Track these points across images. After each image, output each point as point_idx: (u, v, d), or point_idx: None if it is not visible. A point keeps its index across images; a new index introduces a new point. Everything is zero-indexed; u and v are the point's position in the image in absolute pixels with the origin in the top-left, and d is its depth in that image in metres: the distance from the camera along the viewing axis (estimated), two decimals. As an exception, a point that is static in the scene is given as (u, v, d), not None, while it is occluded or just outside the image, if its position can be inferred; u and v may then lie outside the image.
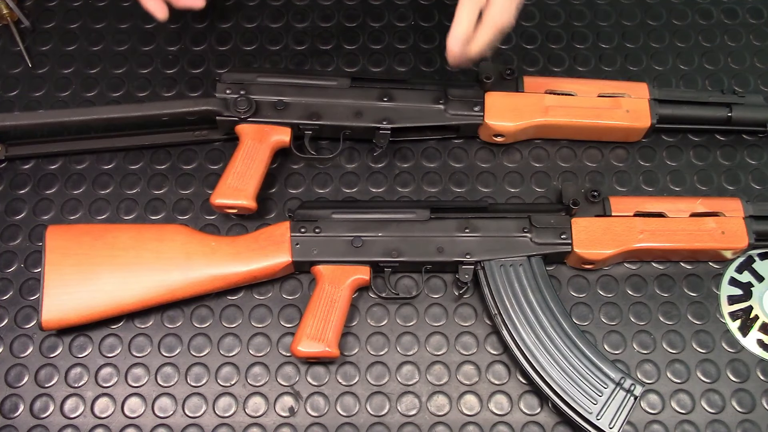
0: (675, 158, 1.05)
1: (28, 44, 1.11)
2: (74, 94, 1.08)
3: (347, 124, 0.99)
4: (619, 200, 0.96)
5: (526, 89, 1.01)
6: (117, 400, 0.93)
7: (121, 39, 1.12)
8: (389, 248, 0.93)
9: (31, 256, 0.99)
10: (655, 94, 1.01)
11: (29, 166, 1.04)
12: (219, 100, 0.98)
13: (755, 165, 1.04)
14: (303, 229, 0.94)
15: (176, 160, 1.04)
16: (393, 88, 1.00)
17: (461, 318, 0.96)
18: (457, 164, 1.04)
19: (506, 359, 0.94)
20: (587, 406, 0.88)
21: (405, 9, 1.14)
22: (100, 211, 1.02)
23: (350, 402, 0.93)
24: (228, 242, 0.94)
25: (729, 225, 0.94)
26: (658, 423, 0.92)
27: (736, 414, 0.92)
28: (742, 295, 0.98)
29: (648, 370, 0.94)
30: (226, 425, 0.92)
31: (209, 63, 1.10)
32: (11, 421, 0.92)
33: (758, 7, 1.14)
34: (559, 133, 1.04)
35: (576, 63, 1.11)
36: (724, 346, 0.95)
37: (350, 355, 0.95)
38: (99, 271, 0.90)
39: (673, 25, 1.13)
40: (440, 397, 0.93)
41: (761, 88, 1.09)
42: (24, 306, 0.97)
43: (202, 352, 0.95)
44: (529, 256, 0.93)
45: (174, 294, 0.92)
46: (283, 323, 0.96)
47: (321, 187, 1.03)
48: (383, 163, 1.04)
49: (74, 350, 0.95)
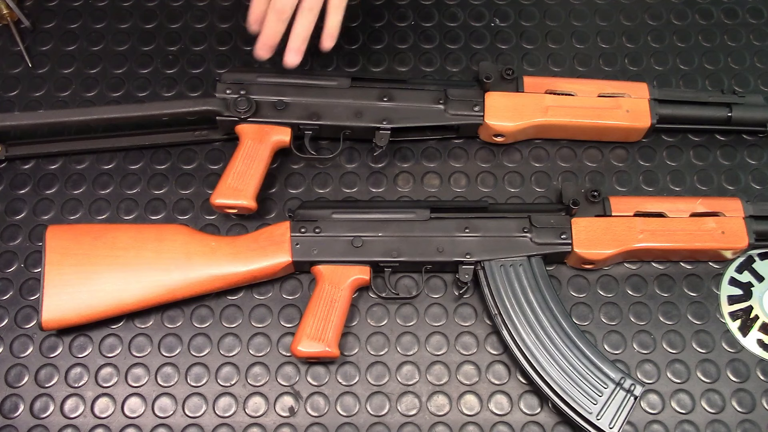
0: (675, 158, 1.05)
1: (28, 44, 1.11)
2: (74, 94, 1.08)
3: (347, 124, 0.99)
4: (619, 200, 0.96)
5: (526, 89, 1.01)
6: (117, 400, 0.93)
7: (121, 39, 1.12)
8: (389, 248, 0.93)
9: (31, 256, 0.99)
10: (655, 94, 1.01)
11: (29, 166, 1.04)
12: (219, 100, 0.98)
13: (755, 165, 1.04)
14: (303, 229, 0.94)
15: (176, 160, 1.04)
16: (393, 88, 1.00)
17: (461, 318, 0.96)
18: (457, 164, 1.04)
19: (506, 359, 0.94)
20: (587, 406, 0.88)
21: (405, 9, 1.14)
22: (100, 211, 1.02)
23: (350, 402, 0.93)
24: (228, 242, 0.94)
25: (729, 225, 0.94)
26: (658, 423, 0.92)
27: (736, 414, 0.92)
28: (742, 295, 0.98)
29: (648, 370, 0.94)
30: (226, 425, 0.92)
31: (209, 63, 1.10)
32: (11, 421, 0.92)
33: (758, 7, 1.14)
34: (559, 133, 1.04)
35: (576, 63, 1.11)
36: (724, 346, 0.95)
37: (350, 355, 0.95)
38: (99, 271, 0.90)
39: (673, 25, 1.13)
40: (440, 397, 0.93)
41: (761, 88, 1.09)
42: (24, 306, 0.97)
43: (202, 352, 0.95)
44: (529, 256, 0.93)
45: (174, 294, 0.92)
46: (283, 323, 0.96)
47: (321, 187, 1.03)
48: (383, 163, 1.04)
49: (74, 350, 0.95)
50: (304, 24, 0.91)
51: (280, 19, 0.90)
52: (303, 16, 0.91)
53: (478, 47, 1.11)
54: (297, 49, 0.93)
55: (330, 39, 0.93)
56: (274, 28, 0.91)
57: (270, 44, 0.92)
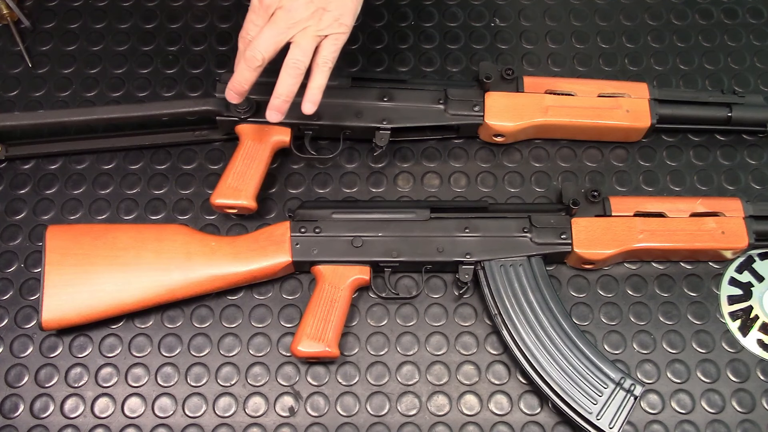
0: (675, 158, 1.05)
1: (28, 44, 1.11)
2: (74, 94, 1.08)
3: (347, 124, 0.99)
4: (619, 200, 0.96)
5: (526, 89, 1.01)
6: (117, 400, 0.93)
7: (121, 39, 1.12)
8: (389, 248, 0.93)
9: (31, 256, 0.99)
10: (655, 94, 1.01)
11: (29, 166, 1.04)
12: (219, 100, 0.98)
13: (755, 165, 1.04)
14: (303, 229, 0.94)
15: (176, 160, 1.04)
16: (393, 88, 1.00)
17: (461, 318, 0.96)
18: (457, 164, 1.04)
19: (506, 359, 0.94)
20: (587, 406, 0.88)
21: (405, 9, 1.14)
22: (100, 211, 1.02)
23: (350, 402, 0.93)
24: (228, 242, 0.94)
25: (729, 225, 0.94)
26: (658, 423, 0.92)
27: (736, 414, 0.92)
28: (742, 295, 0.98)
29: (648, 370, 0.94)
30: (226, 425, 0.92)
31: (209, 63, 1.10)
32: (11, 421, 0.92)
33: (758, 7, 1.14)
34: (559, 133, 1.04)
35: (576, 63, 1.11)
36: (724, 346, 0.95)
37: (350, 355, 0.95)
38: (99, 271, 0.90)
39: (674, 25, 1.13)
40: (440, 397, 0.93)
41: (761, 88, 1.09)
42: (24, 306, 0.97)
43: (202, 352, 0.95)
44: (529, 256, 0.93)
45: (174, 294, 0.92)
46: (283, 323, 0.96)
47: (321, 187, 1.03)
48: (383, 163, 1.04)
49: (74, 350, 0.95)
50: (287, 83, 0.84)
51: (251, 66, 0.83)
52: (287, 74, 0.83)
53: (478, 47, 1.11)
54: (278, 107, 0.85)
55: (311, 104, 0.85)
56: (243, 74, 0.84)
57: (239, 90, 0.85)
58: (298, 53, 0.83)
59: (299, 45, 0.83)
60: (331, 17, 0.83)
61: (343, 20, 0.83)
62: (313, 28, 0.82)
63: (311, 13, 0.82)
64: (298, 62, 0.83)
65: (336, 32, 0.84)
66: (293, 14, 0.81)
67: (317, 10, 0.82)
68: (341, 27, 0.84)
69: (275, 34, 0.82)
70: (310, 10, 0.82)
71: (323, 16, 0.82)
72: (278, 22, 0.82)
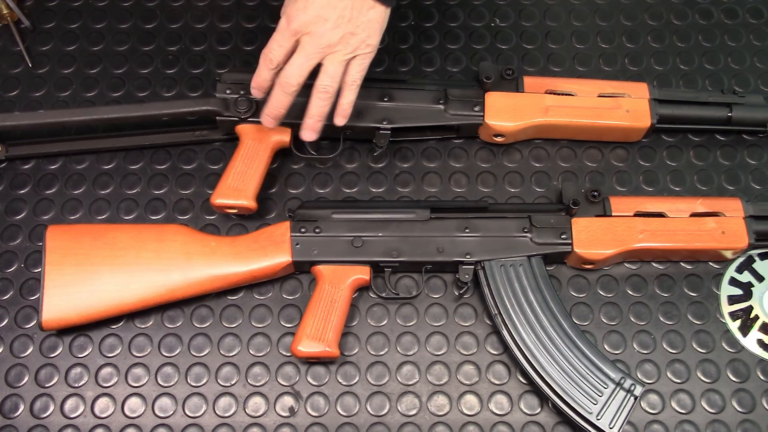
0: (675, 158, 1.05)
1: (28, 44, 1.11)
2: (74, 94, 1.08)
3: (347, 123, 0.99)
4: (619, 200, 0.96)
5: (526, 89, 1.01)
6: (117, 400, 0.93)
7: (121, 39, 1.12)
8: (389, 248, 0.93)
9: (31, 256, 0.99)
10: (655, 94, 1.01)
11: (29, 166, 1.04)
12: (219, 100, 0.98)
13: (755, 165, 1.04)
14: (303, 229, 0.94)
15: (176, 160, 1.04)
16: (393, 88, 1.00)
17: (461, 318, 0.96)
18: (457, 164, 1.04)
19: (506, 359, 0.94)
20: (587, 406, 0.88)
21: (405, 9, 1.14)
22: (100, 211, 1.02)
23: (350, 402, 0.93)
24: (228, 242, 0.94)
25: (729, 225, 0.94)
26: (658, 423, 0.92)
27: (736, 414, 0.92)
28: (742, 295, 0.98)
29: (648, 370, 0.94)
30: (226, 425, 0.92)
31: (209, 63, 1.10)
32: (11, 421, 0.92)
33: (758, 7, 1.14)
34: (559, 133, 1.04)
35: (576, 63, 1.11)
36: (724, 346, 0.95)
37: (350, 355, 0.95)
38: (99, 271, 0.90)
39: (674, 25, 1.13)
40: (440, 397, 0.93)
41: (761, 88, 1.09)
42: (24, 306, 0.97)
43: (202, 352, 0.95)
44: (529, 256, 0.93)
45: (174, 294, 0.92)
46: (283, 323, 0.96)
47: (321, 187, 1.03)
48: (383, 163, 1.04)
49: (74, 350, 0.95)
50: (319, 106, 0.87)
51: (286, 92, 0.86)
52: (318, 98, 0.87)
53: (478, 47, 1.11)
54: (311, 127, 0.89)
55: (341, 118, 0.90)
56: (280, 100, 0.87)
57: (275, 115, 0.89)
58: (327, 79, 0.85)
59: (327, 71, 0.85)
60: (358, 40, 0.84)
61: (369, 41, 0.85)
62: (341, 52, 0.84)
63: (339, 38, 0.83)
64: (328, 87, 0.86)
65: (363, 53, 0.85)
66: (322, 40, 0.83)
67: (345, 35, 0.83)
68: (368, 48, 0.85)
69: (305, 60, 0.84)
70: (338, 35, 0.83)
71: (351, 39, 0.83)
72: (307, 47, 0.83)
